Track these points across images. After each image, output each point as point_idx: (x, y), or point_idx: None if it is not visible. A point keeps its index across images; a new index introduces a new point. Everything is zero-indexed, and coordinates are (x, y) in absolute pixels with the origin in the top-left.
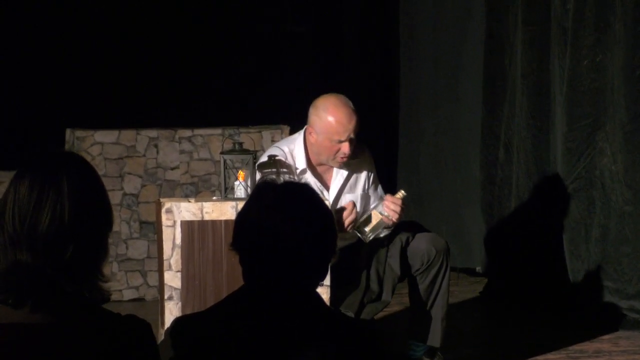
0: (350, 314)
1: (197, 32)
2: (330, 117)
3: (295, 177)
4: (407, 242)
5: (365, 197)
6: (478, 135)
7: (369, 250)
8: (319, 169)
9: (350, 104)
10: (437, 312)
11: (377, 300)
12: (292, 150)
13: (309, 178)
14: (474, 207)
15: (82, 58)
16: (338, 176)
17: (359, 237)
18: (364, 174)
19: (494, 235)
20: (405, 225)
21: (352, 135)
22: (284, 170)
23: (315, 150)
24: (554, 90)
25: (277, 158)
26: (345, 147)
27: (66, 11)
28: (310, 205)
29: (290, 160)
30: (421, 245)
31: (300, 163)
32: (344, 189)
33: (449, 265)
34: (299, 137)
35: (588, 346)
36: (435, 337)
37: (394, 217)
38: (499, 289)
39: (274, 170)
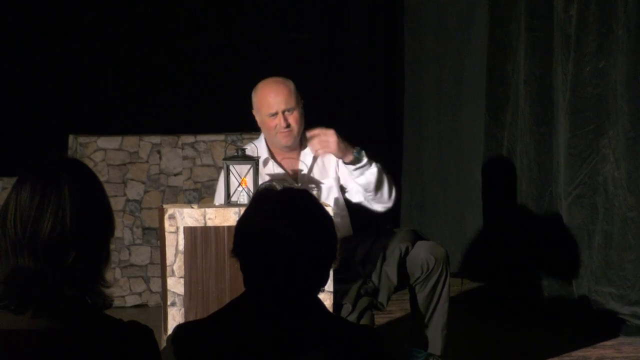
0: (348, 305)
1: (199, 38)
2: (260, 93)
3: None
4: (407, 252)
5: (338, 184)
6: (481, 142)
7: (366, 257)
8: (285, 160)
9: (286, 81)
10: (438, 321)
11: (374, 295)
12: (257, 144)
13: (273, 168)
14: (476, 214)
15: (84, 64)
16: (302, 165)
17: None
18: (332, 160)
19: (497, 242)
20: (404, 235)
21: (284, 108)
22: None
23: (264, 134)
24: (556, 97)
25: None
26: (281, 120)
27: (69, 17)
28: (310, 211)
29: (253, 153)
30: (420, 254)
31: (263, 154)
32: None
33: (449, 273)
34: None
35: (591, 352)
36: (435, 346)
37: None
38: (501, 295)
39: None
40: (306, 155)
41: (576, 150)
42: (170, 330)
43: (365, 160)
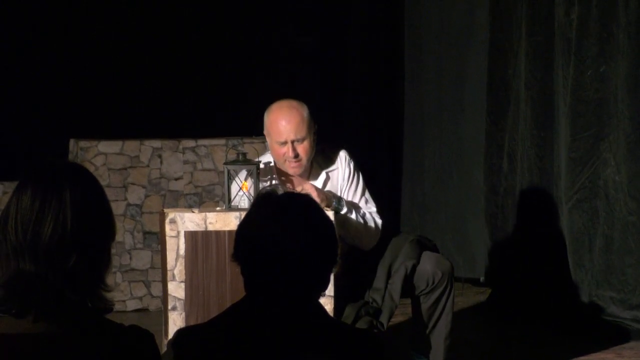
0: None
1: (200, 42)
2: (271, 117)
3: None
4: (413, 270)
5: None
6: (482, 146)
7: (371, 273)
8: (291, 183)
9: (300, 108)
10: (441, 331)
11: (375, 316)
12: (265, 161)
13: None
14: (477, 217)
15: (86, 68)
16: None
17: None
18: (337, 185)
19: (498, 245)
20: (410, 250)
21: (293, 138)
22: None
23: (273, 157)
24: (557, 101)
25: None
26: (289, 150)
27: (70, 22)
28: (311, 215)
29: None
30: (427, 267)
31: (269, 173)
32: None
33: (454, 286)
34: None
35: (592, 357)
36: (437, 354)
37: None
38: (503, 299)
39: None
40: (316, 179)
41: (577, 154)
42: (171, 335)
43: (344, 210)
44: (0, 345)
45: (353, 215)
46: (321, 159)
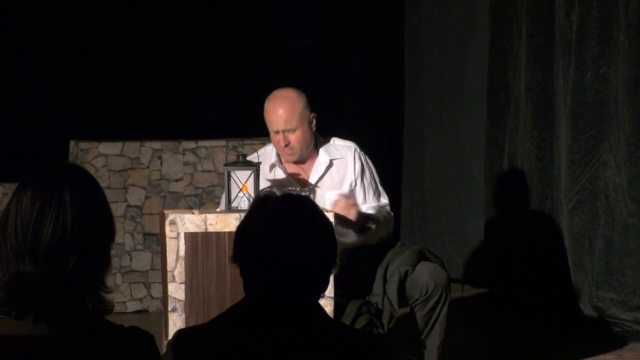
0: (345, 322)
1: (201, 43)
2: (267, 106)
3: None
4: (406, 276)
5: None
6: (482, 147)
7: (370, 275)
8: (293, 166)
9: (295, 98)
10: (434, 340)
11: (375, 315)
12: (268, 148)
13: (275, 174)
14: (477, 219)
15: (86, 69)
16: (315, 173)
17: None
18: (349, 176)
19: (498, 247)
20: (408, 257)
21: (283, 128)
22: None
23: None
24: (558, 102)
25: (247, 157)
26: (280, 139)
27: (69, 23)
28: (310, 217)
29: (262, 159)
30: (421, 277)
31: (271, 158)
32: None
33: (449, 297)
34: None
35: (592, 358)
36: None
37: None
38: (503, 299)
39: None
40: (319, 165)
41: (577, 156)
42: (171, 336)
43: (366, 234)
44: (0, 347)
45: (370, 233)
46: (330, 147)
